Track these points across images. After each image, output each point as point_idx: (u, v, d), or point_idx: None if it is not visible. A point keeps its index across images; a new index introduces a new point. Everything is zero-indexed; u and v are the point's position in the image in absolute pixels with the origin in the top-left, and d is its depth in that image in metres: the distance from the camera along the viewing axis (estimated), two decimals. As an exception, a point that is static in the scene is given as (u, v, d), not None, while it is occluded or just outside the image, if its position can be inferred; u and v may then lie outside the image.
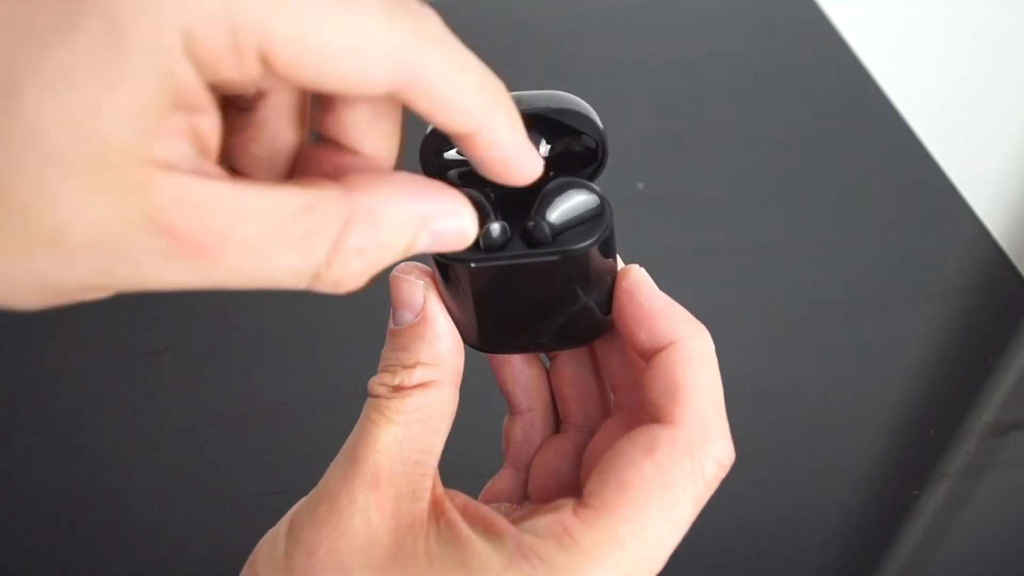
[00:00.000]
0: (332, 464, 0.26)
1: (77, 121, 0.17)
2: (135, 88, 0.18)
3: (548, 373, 0.32)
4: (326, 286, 0.21)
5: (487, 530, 0.25)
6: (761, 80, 0.74)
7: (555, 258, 0.26)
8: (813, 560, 0.47)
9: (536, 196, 0.27)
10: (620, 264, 0.29)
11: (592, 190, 0.27)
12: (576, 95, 0.29)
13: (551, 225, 0.27)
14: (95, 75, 0.17)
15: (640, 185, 0.63)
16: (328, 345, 0.56)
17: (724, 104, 0.72)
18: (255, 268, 0.20)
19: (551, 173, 0.28)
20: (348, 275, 0.21)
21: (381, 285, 0.29)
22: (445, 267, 0.27)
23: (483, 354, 0.30)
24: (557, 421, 0.32)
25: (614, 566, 0.24)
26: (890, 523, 0.49)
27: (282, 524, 0.26)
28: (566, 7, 0.79)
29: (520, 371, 0.32)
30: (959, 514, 0.49)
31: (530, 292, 0.27)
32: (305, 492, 0.28)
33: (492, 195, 0.28)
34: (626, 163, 0.66)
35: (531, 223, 0.27)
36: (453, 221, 0.23)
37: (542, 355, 0.32)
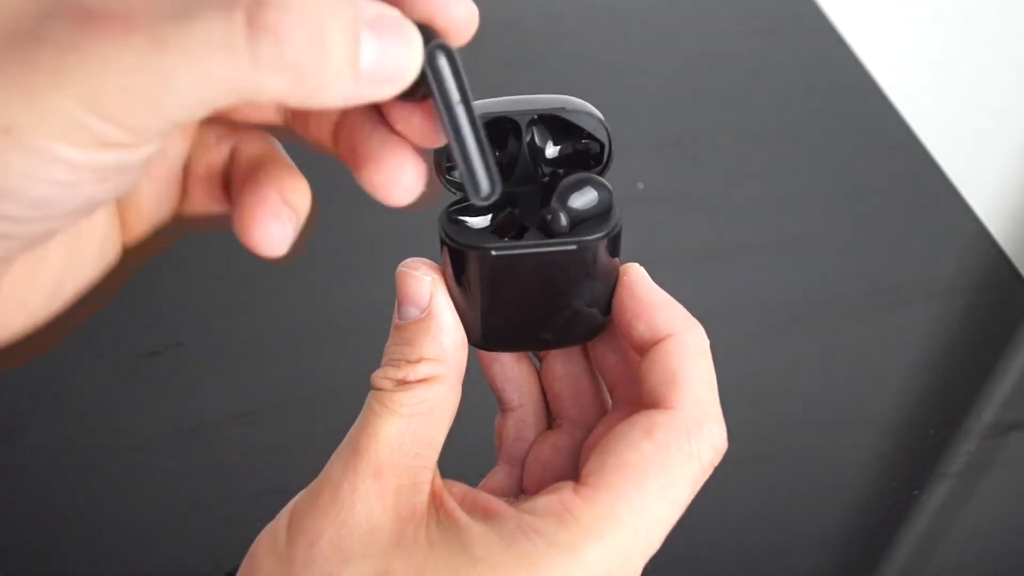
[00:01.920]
0: (334, 455, 0.27)
1: None
2: None
3: (538, 372, 0.33)
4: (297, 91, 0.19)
5: (486, 515, 0.26)
6: (761, 80, 0.74)
7: (572, 247, 0.27)
8: (813, 560, 0.47)
9: (551, 191, 0.28)
10: None
11: (604, 185, 0.28)
12: (577, 96, 0.29)
13: (569, 214, 0.27)
14: None
15: (640, 185, 0.63)
16: (329, 345, 0.56)
17: (724, 104, 0.72)
18: (186, 66, 0.19)
19: (562, 171, 0.29)
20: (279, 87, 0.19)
21: (383, 285, 0.29)
22: (460, 256, 0.27)
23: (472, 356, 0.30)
24: (548, 417, 0.33)
25: (613, 541, 0.25)
26: (890, 523, 0.49)
27: (281, 517, 0.27)
28: (566, 7, 0.79)
29: (510, 369, 0.32)
30: (959, 514, 0.49)
31: (542, 284, 0.28)
32: (305, 492, 0.28)
33: (512, 193, 0.29)
34: (626, 163, 0.65)
35: (549, 214, 0.27)
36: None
37: (531, 354, 0.33)
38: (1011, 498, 0.50)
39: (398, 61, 0.21)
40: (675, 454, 0.26)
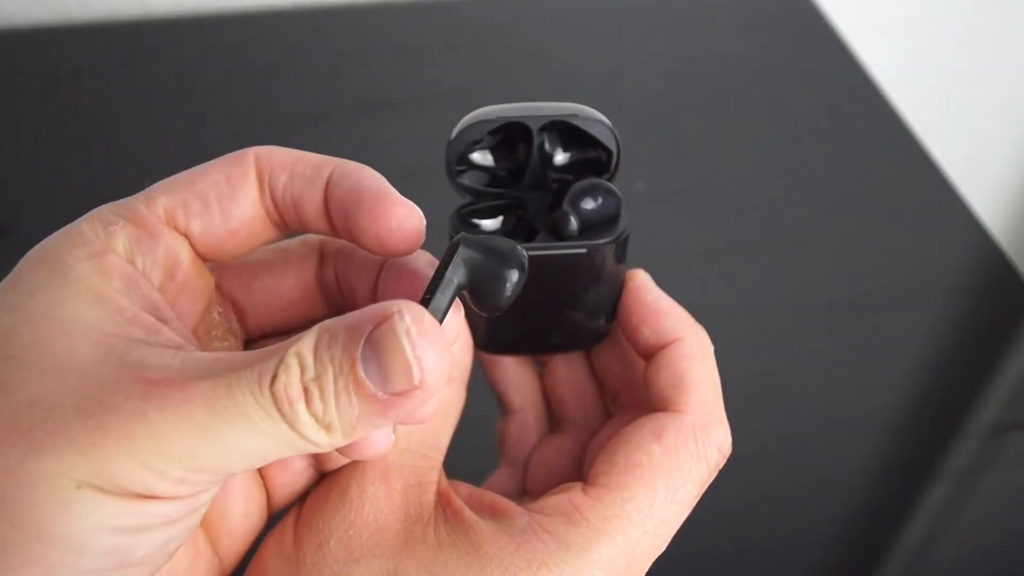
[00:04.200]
0: None
1: None
2: None
3: (539, 376, 0.33)
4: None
5: (495, 513, 0.26)
6: (760, 80, 0.74)
7: (583, 250, 0.27)
8: (813, 560, 0.47)
9: (559, 196, 0.28)
10: None
11: (614, 192, 0.28)
12: (577, 96, 0.30)
13: (580, 218, 0.27)
14: None
15: (640, 185, 0.63)
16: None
17: (724, 104, 0.72)
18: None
19: (571, 176, 0.29)
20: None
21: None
22: None
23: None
24: (549, 420, 0.33)
25: (623, 540, 0.25)
26: (890, 523, 0.49)
27: (288, 517, 0.27)
28: (566, 7, 0.79)
29: (511, 371, 0.33)
30: (959, 514, 0.49)
31: (551, 287, 0.28)
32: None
33: (521, 197, 0.29)
34: (626, 163, 0.65)
35: (560, 217, 0.28)
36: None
37: (532, 359, 0.33)
38: (1011, 498, 0.50)
39: (400, 374, 0.21)
40: (684, 456, 0.26)
